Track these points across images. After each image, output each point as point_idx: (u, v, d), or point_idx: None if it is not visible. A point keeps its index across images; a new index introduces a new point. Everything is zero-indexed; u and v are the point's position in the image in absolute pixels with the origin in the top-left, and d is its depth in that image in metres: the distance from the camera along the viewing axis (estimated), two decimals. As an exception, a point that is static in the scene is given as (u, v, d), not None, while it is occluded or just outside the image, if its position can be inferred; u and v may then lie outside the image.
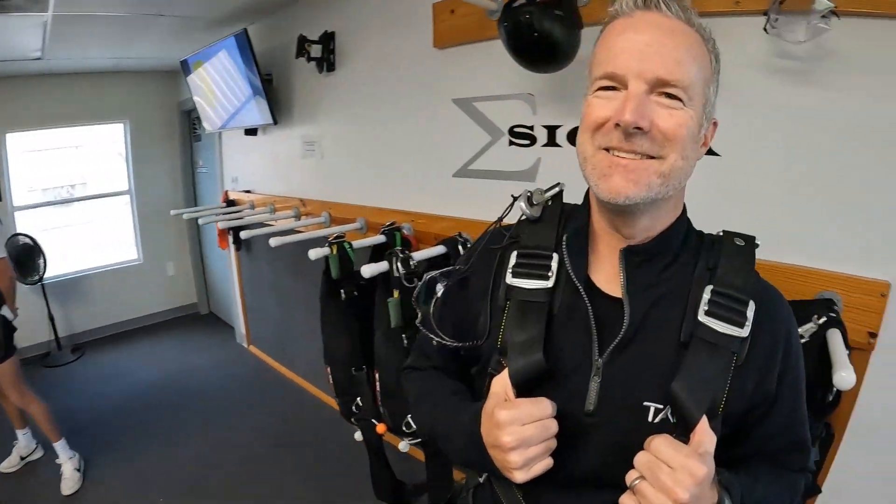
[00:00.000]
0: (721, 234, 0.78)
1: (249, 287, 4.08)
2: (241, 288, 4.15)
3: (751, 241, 0.76)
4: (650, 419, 0.69)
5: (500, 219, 0.88)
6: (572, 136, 1.77)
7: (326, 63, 2.69)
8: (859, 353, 1.26)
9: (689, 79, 0.63)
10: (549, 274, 0.76)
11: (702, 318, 0.69)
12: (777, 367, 0.72)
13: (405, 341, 1.84)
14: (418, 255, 1.89)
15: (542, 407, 0.68)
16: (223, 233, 3.73)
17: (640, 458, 0.64)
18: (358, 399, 2.14)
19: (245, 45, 2.85)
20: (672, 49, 0.63)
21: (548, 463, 0.69)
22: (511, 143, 1.95)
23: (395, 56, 2.34)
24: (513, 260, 0.79)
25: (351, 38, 2.59)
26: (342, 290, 2.07)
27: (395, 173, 2.48)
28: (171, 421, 3.20)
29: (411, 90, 2.30)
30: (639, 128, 0.62)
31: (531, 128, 1.88)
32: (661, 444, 0.63)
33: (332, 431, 2.99)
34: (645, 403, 0.70)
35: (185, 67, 3.55)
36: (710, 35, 0.69)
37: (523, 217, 0.83)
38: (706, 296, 0.70)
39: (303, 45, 2.63)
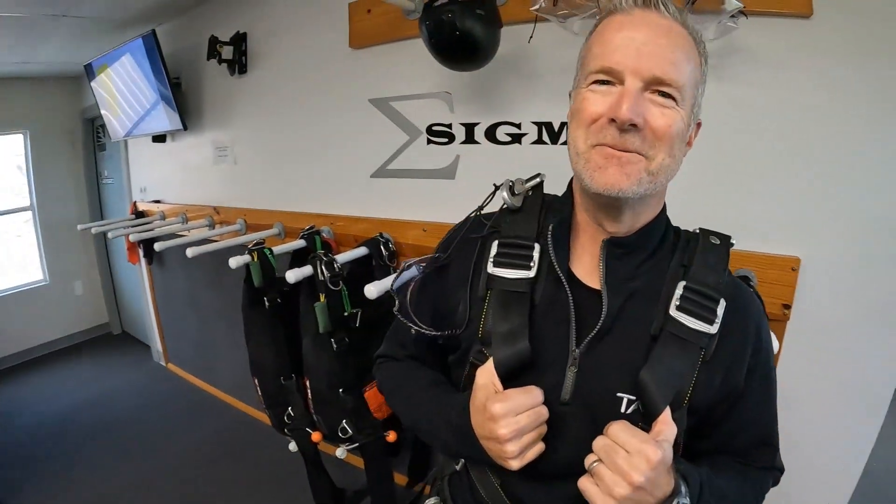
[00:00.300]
0: (698, 231, 0.80)
1: (164, 302, 3.85)
2: (155, 304, 3.92)
3: (726, 241, 0.78)
4: (623, 410, 0.71)
5: (481, 207, 0.88)
6: (490, 133, 1.81)
7: (238, 65, 2.60)
8: (776, 324, 1.37)
9: (682, 79, 0.65)
10: (532, 264, 0.76)
11: (673, 312, 0.71)
12: (745, 363, 0.75)
13: (334, 346, 1.81)
14: (342, 258, 1.86)
15: (534, 395, 0.69)
16: (133, 246, 3.49)
17: (598, 442, 0.66)
18: (289, 409, 2.08)
19: (153, 47, 2.69)
20: (668, 49, 0.64)
21: (540, 448, 0.70)
22: (429, 141, 1.96)
23: (309, 57, 2.29)
24: (494, 249, 0.79)
25: (264, 39, 2.51)
26: (266, 298, 2.01)
27: (312, 176, 2.44)
28: (93, 450, 2.96)
29: (327, 91, 2.26)
30: (633, 125, 0.63)
31: (449, 126, 1.90)
32: (618, 429, 0.65)
33: (265, 445, 2.88)
34: (618, 394, 0.71)
35: (90, 72, 3.30)
36: (701, 38, 0.70)
37: (504, 206, 0.84)
38: (678, 291, 0.72)
39: (214, 46, 2.53)
